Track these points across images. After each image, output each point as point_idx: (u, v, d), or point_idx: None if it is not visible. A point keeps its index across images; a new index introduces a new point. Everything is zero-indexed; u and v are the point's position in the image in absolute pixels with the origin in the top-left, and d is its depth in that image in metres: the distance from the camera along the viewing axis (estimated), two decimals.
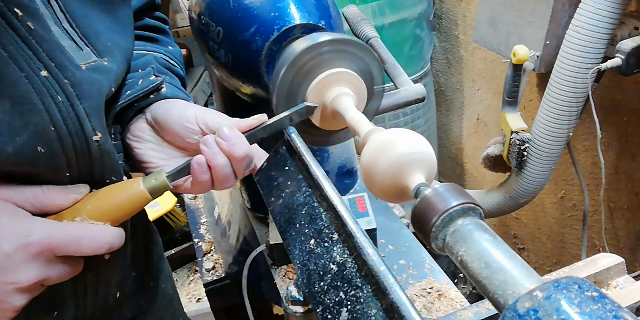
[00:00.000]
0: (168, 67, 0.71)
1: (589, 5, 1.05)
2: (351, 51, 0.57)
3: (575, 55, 1.10)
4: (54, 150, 0.49)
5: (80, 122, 0.50)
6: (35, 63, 0.47)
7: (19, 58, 0.46)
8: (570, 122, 1.20)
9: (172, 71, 0.71)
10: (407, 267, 0.85)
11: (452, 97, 2.00)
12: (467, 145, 2.04)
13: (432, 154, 0.46)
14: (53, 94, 0.48)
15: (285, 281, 0.84)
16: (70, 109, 0.49)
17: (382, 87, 0.61)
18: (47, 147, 0.48)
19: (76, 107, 0.50)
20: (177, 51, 0.77)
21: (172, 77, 0.70)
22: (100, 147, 0.53)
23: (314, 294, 0.47)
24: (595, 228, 1.50)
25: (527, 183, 1.33)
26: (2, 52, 0.45)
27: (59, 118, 0.49)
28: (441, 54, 1.95)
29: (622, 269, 0.63)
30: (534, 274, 0.35)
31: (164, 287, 0.83)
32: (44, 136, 0.48)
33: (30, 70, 0.47)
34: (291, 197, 0.56)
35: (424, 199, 0.41)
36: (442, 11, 1.84)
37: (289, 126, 0.57)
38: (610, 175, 1.40)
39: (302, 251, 0.50)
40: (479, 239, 0.38)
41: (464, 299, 0.78)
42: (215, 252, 1.23)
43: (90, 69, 0.54)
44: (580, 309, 0.29)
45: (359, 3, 1.53)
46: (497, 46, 1.39)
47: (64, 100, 0.49)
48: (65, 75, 0.50)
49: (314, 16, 0.62)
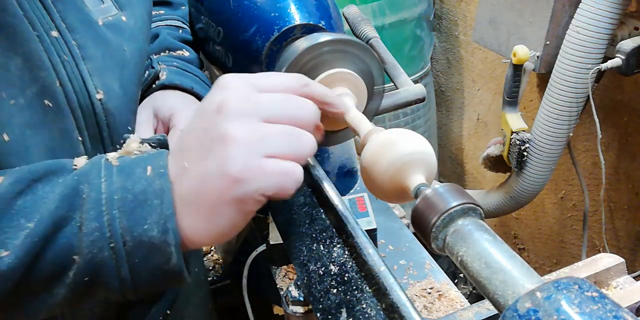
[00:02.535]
0: (181, 38, 0.76)
1: (589, 5, 1.05)
2: (351, 51, 0.57)
3: (575, 55, 1.10)
4: (60, 105, 0.51)
5: (84, 81, 0.53)
6: (47, 23, 0.51)
7: (33, 17, 0.49)
8: (570, 122, 1.20)
9: (184, 41, 0.76)
10: (407, 267, 0.85)
11: (452, 97, 2.00)
12: (467, 145, 2.04)
13: (432, 154, 0.46)
14: (60, 53, 0.51)
15: (285, 281, 0.84)
16: (75, 67, 0.53)
17: (382, 87, 0.61)
18: (54, 101, 0.51)
19: (80, 66, 0.53)
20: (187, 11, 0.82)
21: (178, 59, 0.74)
22: (103, 106, 0.55)
23: (314, 294, 0.47)
24: (595, 228, 1.49)
25: (527, 183, 1.33)
26: (18, 10, 0.48)
27: (64, 74, 0.51)
28: (441, 54, 1.95)
29: (622, 269, 0.63)
30: (534, 274, 0.35)
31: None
32: (50, 90, 0.51)
33: (42, 29, 0.50)
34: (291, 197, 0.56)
35: (424, 199, 0.41)
36: (442, 11, 1.84)
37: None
38: (610, 175, 1.40)
39: (302, 251, 0.50)
40: (479, 239, 0.38)
41: (464, 299, 0.78)
42: (215, 252, 1.23)
43: (106, 25, 0.57)
44: (580, 309, 0.29)
45: (359, 3, 1.53)
46: (497, 46, 1.39)
47: (69, 59, 0.52)
48: (74, 37, 0.53)
49: (314, 16, 0.62)
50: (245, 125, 0.41)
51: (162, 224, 0.41)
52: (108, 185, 0.42)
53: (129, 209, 0.41)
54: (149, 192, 0.42)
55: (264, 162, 0.41)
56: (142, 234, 0.41)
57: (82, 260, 0.41)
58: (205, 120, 0.43)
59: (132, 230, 0.41)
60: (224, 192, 0.41)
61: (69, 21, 0.53)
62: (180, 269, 0.43)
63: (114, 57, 0.57)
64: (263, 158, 0.41)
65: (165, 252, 0.42)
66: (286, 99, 0.45)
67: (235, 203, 0.41)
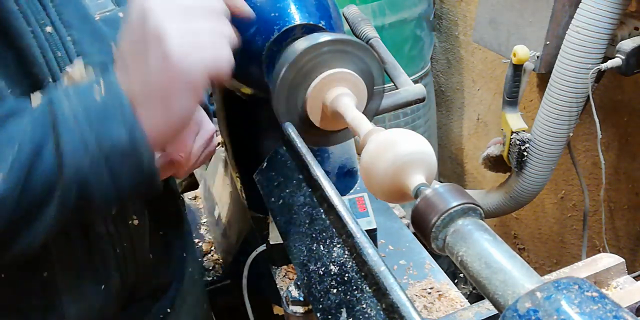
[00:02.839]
0: None
1: (589, 5, 1.05)
2: (351, 51, 0.57)
3: (575, 55, 1.10)
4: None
5: None
6: (42, 18, 0.52)
7: (29, 12, 0.50)
8: (570, 122, 1.20)
9: None
10: (407, 267, 0.85)
11: (452, 97, 2.00)
12: (467, 145, 2.04)
13: (432, 154, 0.46)
14: (54, 49, 0.52)
15: (285, 281, 0.84)
16: (69, 63, 0.53)
17: (382, 87, 0.61)
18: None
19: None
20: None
21: None
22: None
23: (314, 294, 0.47)
24: (595, 228, 1.49)
25: (527, 183, 1.33)
26: (14, 6, 0.49)
27: (57, 71, 0.52)
28: (441, 54, 1.95)
29: (622, 269, 0.63)
30: (534, 274, 0.35)
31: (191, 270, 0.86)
32: (44, 86, 0.52)
33: (37, 25, 0.51)
34: (291, 197, 0.56)
35: (424, 199, 0.41)
36: (442, 11, 1.84)
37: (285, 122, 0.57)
38: (610, 175, 1.40)
39: (302, 251, 0.51)
40: (479, 239, 0.38)
41: (464, 299, 0.78)
42: (215, 252, 1.23)
43: (103, 21, 0.58)
44: (580, 309, 0.30)
45: (359, 3, 1.53)
46: (497, 46, 1.39)
47: (63, 55, 0.53)
48: (69, 33, 0.54)
49: (314, 16, 0.62)
50: (173, 22, 0.45)
51: (128, 129, 0.45)
52: (71, 106, 0.45)
53: (96, 123, 0.45)
54: (109, 106, 0.46)
55: (197, 41, 0.46)
56: (114, 142, 0.45)
57: (66, 176, 0.44)
58: (135, 26, 0.46)
59: (103, 140, 0.45)
60: (171, 82, 0.45)
61: (65, 16, 0.53)
62: (153, 170, 0.48)
63: (110, 52, 0.57)
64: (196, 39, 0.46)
65: (138, 153, 0.46)
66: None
67: (184, 89, 0.46)
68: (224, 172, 1.21)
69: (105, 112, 0.45)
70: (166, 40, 0.44)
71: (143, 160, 0.47)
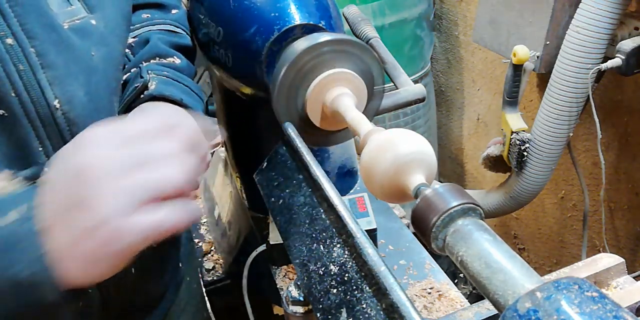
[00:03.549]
0: (173, 44, 0.71)
1: (589, 5, 1.05)
2: (351, 51, 0.56)
3: (575, 55, 1.10)
4: (16, 115, 0.50)
5: (42, 90, 0.51)
6: (3, 29, 0.48)
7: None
8: (570, 122, 1.20)
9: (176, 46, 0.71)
10: (407, 267, 0.85)
11: (452, 97, 2.00)
12: (467, 145, 2.04)
13: (432, 154, 0.46)
14: (15, 61, 0.49)
15: (285, 281, 0.84)
16: (32, 77, 0.50)
17: (382, 87, 0.61)
18: (10, 111, 0.49)
19: (38, 75, 0.51)
20: (181, 14, 0.76)
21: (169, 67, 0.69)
22: (65, 115, 0.53)
23: (314, 294, 0.47)
24: (595, 228, 1.49)
25: (527, 183, 1.33)
26: None
27: (20, 85, 0.49)
28: (441, 54, 1.95)
29: (622, 269, 0.63)
30: (534, 274, 0.35)
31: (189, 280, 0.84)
32: (6, 100, 0.49)
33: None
34: (291, 197, 0.56)
35: (423, 199, 0.41)
36: (442, 11, 1.84)
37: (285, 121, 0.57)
38: (610, 175, 1.40)
39: (302, 251, 0.50)
40: (479, 239, 0.38)
41: (464, 299, 0.78)
42: (215, 252, 1.23)
43: (72, 29, 0.54)
44: (580, 309, 0.29)
45: (359, 3, 1.53)
46: (497, 46, 1.39)
47: (25, 69, 0.50)
48: (32, 44, 0.50)
49: (314, 16, 0.62)
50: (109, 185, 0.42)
51: (34, 265, 0.42)
52: None
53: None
54: (20, 234, 0.42)
55: (134, 218, 0.42)
56: (13, 275, 0.41)
57: None
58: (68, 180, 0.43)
59: (3, 271, 0.41)
60: (99, 248, 0.42)
61: (28, 26, 0.50)
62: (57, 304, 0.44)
63: (79, 63, 0.55)
64: (133, 214, 0.42)
65: (38, 291, 0.42)
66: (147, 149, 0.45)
67: (112, 256, 0.43)
68: (224, 172, 1.21)
69: (12, 242, 0.42)
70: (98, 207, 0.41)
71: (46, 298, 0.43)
